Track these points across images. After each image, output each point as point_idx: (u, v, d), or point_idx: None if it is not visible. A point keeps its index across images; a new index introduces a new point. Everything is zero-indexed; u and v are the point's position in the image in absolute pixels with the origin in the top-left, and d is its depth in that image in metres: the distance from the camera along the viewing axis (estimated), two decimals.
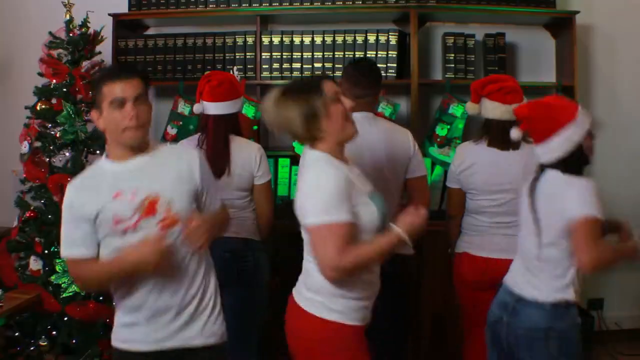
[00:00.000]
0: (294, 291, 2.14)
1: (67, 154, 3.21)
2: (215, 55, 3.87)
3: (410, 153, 2.73)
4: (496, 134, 2.78)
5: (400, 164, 2.70)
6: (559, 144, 2.16)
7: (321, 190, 1.94)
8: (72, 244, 2.02)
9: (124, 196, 1.97)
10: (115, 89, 1.96)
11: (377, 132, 2.69)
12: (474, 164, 2.81)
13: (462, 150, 2.94)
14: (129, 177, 2.00)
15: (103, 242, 2.01)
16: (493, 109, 2.79)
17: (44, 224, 3.16)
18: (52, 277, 3.05)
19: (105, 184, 1.99)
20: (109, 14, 3.83)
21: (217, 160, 2.75)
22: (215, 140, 2.80)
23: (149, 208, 1.97)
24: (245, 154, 2.83)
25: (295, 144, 3.61)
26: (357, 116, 2.69)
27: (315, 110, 1.98)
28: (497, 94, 2.78)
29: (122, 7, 3.94)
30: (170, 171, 2.05)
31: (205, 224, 1.98)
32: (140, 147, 2.04)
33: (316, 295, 2.03)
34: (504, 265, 2.40)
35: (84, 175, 2.10)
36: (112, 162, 2.05)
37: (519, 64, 4.06)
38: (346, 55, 3.77)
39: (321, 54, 3.81)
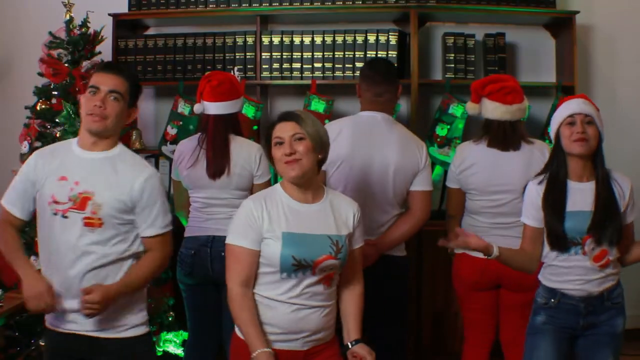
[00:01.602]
0: None
1: None
2: (215, 55, 3.87)
3: (419, 166, 2.71)
4: (496, 134, 2.78)
5: (406, 172, 2.68)
6: None
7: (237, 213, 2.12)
8: (9, 198, 2.20)
9: (67, 182, 2.10)
10: (97, 79, 2.13)
11: (392, 136, 2.69)
12: (473, 164, 2.81)
13: (462, 150, 2.94)
14: (79, 166, 2.13)
15: (40, 212, 2.15)
16: (493, 109, 2.79)
17: None
18: None
19: (59, 161, 2.14)
20: (109, 14, 3.83)
21: (217, 160, 2.76)
22: (215, 140, 2.80)
23: (81, 203, 2.09)
24: (245, 154, 2.83)
25: None
26: (377, 116, 2.71)
27: (268, 148, 2.13)
28: (498, 94, 2.77)
29: (122, 7, 3.94)
30: (115, 178, 2.13)
31: (103, 301, 2.03)
32: (102, 143, 2.15)
33: None
34: (502, 266, 2.40)
35: (51, 146, 2.30)
36: (77, 146, 2.19)
37: (519, 64, 4.06)
38: (346, 55, 3.77)
39: (321, 54, 3.81)
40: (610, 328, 2.33)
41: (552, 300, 2.34)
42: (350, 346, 2.11)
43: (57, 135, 3.18)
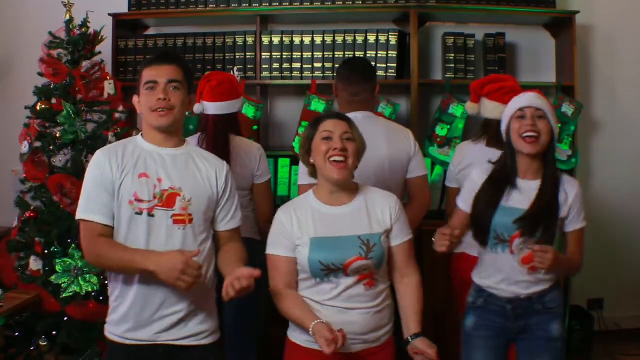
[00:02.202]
0: None
1: (67, 154, 3.21)
2: (215, 55, 3.87)
3: (411, 153, 2.72)
4: (495, 134, 2.78)
5: (401, 163, 2.70)
6: None
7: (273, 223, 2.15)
8: (88, 209, 2.02)
9: (149, 180, 2.03)
10: (151, 72, 2.07)
11: (379, 132, 2.69)
12: (472, 163, 2.81)
13: (461, 150, 2.94)
14: (159, 163, 2.06)
15: (118, 212, 2.02)
16: (492, 109, 2.79)
17: (44, 224, 3.16)
18: (52, 277, 3.04)
19: (134, 158, 2.05)
20: (109, 14, 3.83)
21: None
22: (215, 139, 2.81)
23: (168, 200, 2.02)
24: (245, 153, 2.83)
25: (295, 143, 3.61)
26: (357, 116, 2.70)
27: (307, 143, 2.11)
28: (497, 94, 2.78)
29: (122, 7, 3.94)
30: (197, 173, 2.11)
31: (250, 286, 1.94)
32: (173, 139, 2.11)
33: None
34: None
35: (115, 144, 2.16)
36: (146, 142, 2.11)
37: (519, 64, 4.06)
38: (346, 55, 3.77)
39: (321, 54, 3.81)
40: (545, 332, 2.24)
41: (480, 299, 2.31)
42: (410, 340, 2.08)
43: (57, 135, 3.18)
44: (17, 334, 3.12)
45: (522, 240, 2.18)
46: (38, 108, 3.23)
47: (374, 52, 3.74)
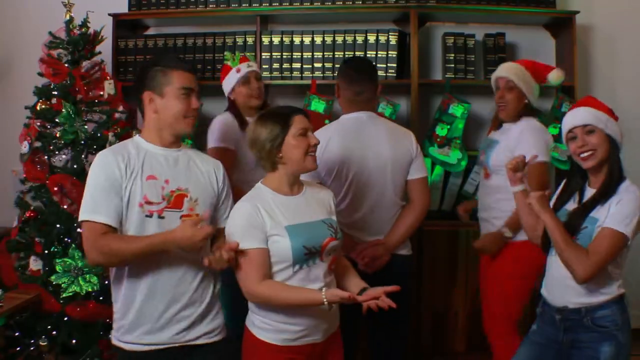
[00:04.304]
0: None
1: (67, 154, 3.21)
2: (215, 55, 3.87)
3: (412, 154, 2.71)
4: None
5: (402, 165, 2.69)
6: None
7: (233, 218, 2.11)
8: (95, 210, 1.99)
9: (157, 182, 2.04)
10: (188, 79, 2.10)
11: (381, 132, 2.69)
12: None
13: None
14: (165, 164, 2.08)
15: (125, 215, 2.02)
16: None
17: (44, 224, 3.16)
18: (52, 277, 3.04)
19: (139, 160, 2.05)
20: (109, 14, 3.83)
21: None
22: None
23: (176, 201, 2.04)
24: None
25: None
26: (361, 116, 2.70)
27: (278, 139, 2.10)
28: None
29: (122, 7, 3.94)
30: (199, 173, 2.14)
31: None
32: (177, 142, 2.14)
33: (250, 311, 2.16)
34: None
35: (116, 146, 2.16)
36: (148, 143, 2.11)
37: None
38: (346, 55, 3.77)
39: (321, 54, 3.81)
40: (593, 352, 2.13)
41: (539, 307, 2.31)
42: (364, 290, 2.10)
43: (57, 135, 3.18)
44: (17, 334, 3.12)
45: None
46: (38, 108, 3.23)
47: (374, 52, 3.74)
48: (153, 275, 2.05)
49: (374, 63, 3.55)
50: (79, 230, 2.95)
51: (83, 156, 3.20)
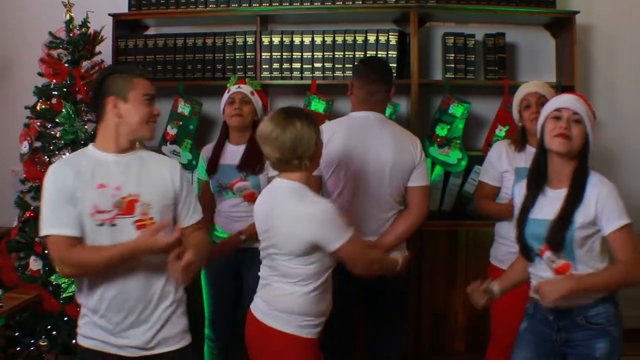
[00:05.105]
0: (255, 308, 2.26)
1: (67, 154, 3.21)
2: (215, 55, 3.87)
3: (415, 161, 2.69)
4: None
5: (402, 170, 2.67)
6: None
7: (329, 215, 2.13)
8: (56, 223, 2.01)
9: (107, 189, 2.04)
10: (149, 86, 2.15)
11: (386, 135, 2.68)
12: None
13: None
14: (115, 171, 2.08)
15: (82, 224, 2.03)
16: None
17: None
18: (52, 277, 3.05)
19: (89, 169, 2.06)
20: (109, 14, 3.83)
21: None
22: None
23: (128, 207, 2.04)
24: None
25: None
26: (369, 115, 2.70)
27: (318, 143, 2.19)
28: None
29: (122, 7, 3.94)
30: (152, 175, 2.13)
31: (195, 263, 2.00)
32: (132, 146, 2.15)
33: (281, 312, 2.18)
34: None
35: (69, 157, 2.22)
36: (100, 151, 2.12)
37: (519, 64, 4.06)
38: (346, 55, 3.77)
39: (321, 54, 3.80)
40: (588, 349, 2.13)
41: (531, 307, 2.29)
42: None
43: (57, 135, 3.18)
44: (17, 334, 3.12)
45: (551, 254, 2.12)
46: (38, 108, 3.23)
47: (374, 52, 3.74)
48: (112, 279, 2.06)
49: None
50: None
51: None
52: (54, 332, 3.08)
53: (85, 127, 3.21)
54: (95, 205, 2.02)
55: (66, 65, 3.23)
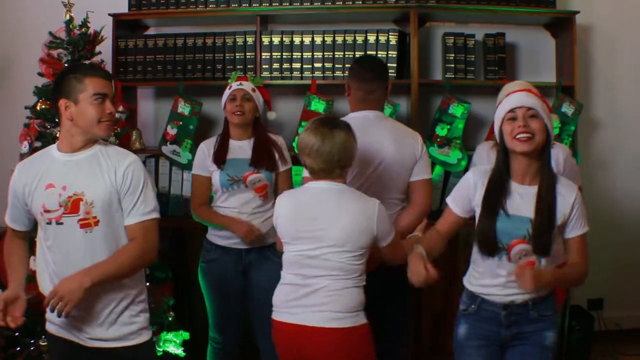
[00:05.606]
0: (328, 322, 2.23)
1: None
2: (215, 55, 3.87)
3: (417, 156, 2.69)
4: None
5: (404, 166, 2.68)
6: None
7: (384, 211, 2.29)
8: (8, 216, 2.27)
9: (55, 189, 2.09)
10: (101, 84, 2.12)
11: (386, 132, 2.68)
12: None
13: None
14: (64, 171, 2.12)
15: (38, 222, 2.18)
16: None
17: None
18: None
19: (42, 170, 2.13)
20: (109, 14, 3.83)
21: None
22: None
23: (73, 206, 2.08)
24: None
25: (294, 143, 3.61)
26: (368, 115, 2.70)
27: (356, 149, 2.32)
28: None
29: (122, 7, 3.94)
30: (98, 173, 2.13)
31: (70, 294, 1.96)
32: (89, 143, 2.16)
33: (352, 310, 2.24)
34: None
35: (32, 156, 2.28)
36: (57, 151, 2.17)
37: (519, 64, 4.07)
38: (346, 55, 3.77)
39: (321, 54, 3.80)
40: (539, 338, 2.19)
41: (472, 306, 2.24)
42: None
43: (57, 135, 3.17)
44: (17, 334, 3.12)
45: (521, 248, 2.12)
46: (38, 108, 3.23)
47: (374, 52, 3.74)
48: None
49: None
50: None
51: None
52: None
53: None
54: (43, 205, 2.11)
55: (66, 65, 3.23)
